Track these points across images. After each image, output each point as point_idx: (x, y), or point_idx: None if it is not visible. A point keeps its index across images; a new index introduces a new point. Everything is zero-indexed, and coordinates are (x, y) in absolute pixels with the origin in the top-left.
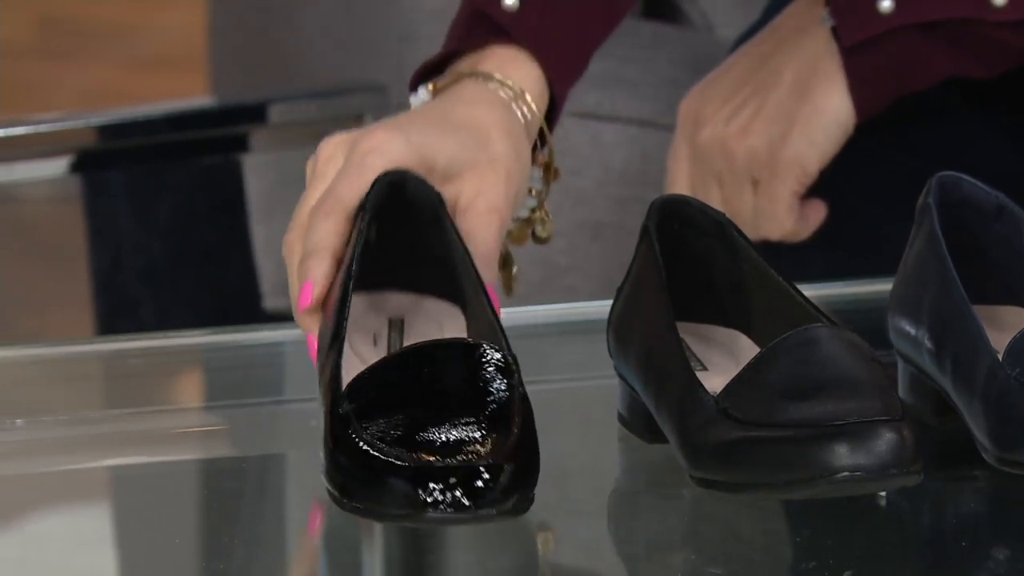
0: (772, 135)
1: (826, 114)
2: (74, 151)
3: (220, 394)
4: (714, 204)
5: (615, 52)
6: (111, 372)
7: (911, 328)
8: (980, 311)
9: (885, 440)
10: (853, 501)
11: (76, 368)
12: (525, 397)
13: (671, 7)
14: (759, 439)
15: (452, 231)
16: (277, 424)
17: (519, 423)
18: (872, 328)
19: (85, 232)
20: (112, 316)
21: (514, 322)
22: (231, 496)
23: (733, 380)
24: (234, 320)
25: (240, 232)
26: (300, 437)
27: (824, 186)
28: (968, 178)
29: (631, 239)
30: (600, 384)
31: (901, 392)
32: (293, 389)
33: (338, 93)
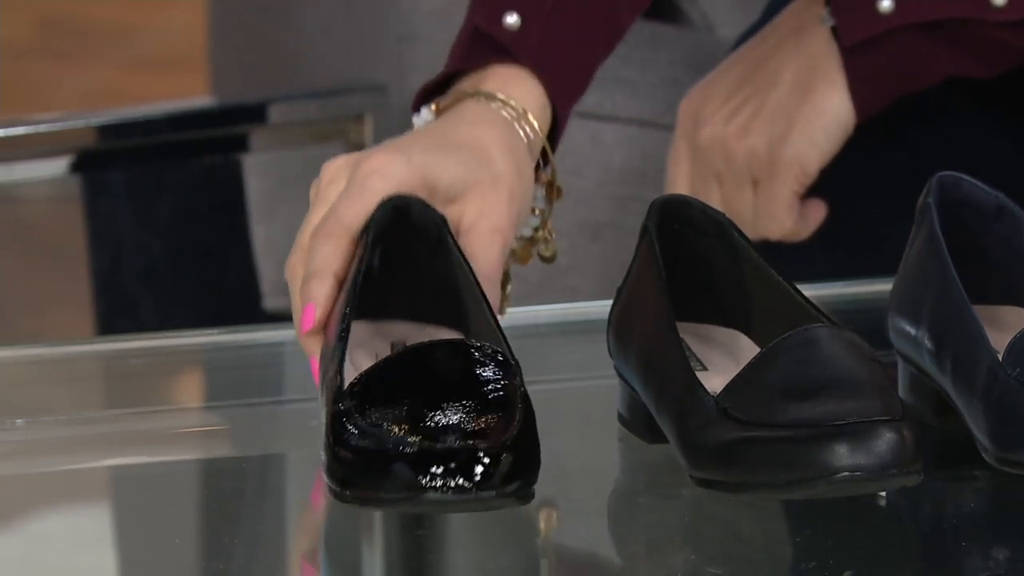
0: (772, 135)
1: (826, 114)
2: (74, 151)
3: (220, 394)
4: (714, 204)
5: (615, 52)
6: (111, 372)
7: (911, 328)
8: (980, 311)
9: (885, 440)
10: (853, 501)
11: (76, 368)
12: (526, 395)
13: (671, 7)
14: (759, 439)
15: (456, 253)
16: (277, 424)
17: (520, 412)
18: (872, 328)
19: (85, 232)
20: (112, 316)
21: (514, 322)
22: (231, 496)
23: (733, 380)
24: (234, 320)
25: (240, 232)
26: (300, 437)
27: (824, 186)
28: (968, 178)
29: (631, 239)
30: (600, 384)
31: (901, 392)
32: (293, 389)
33: (338, 93)
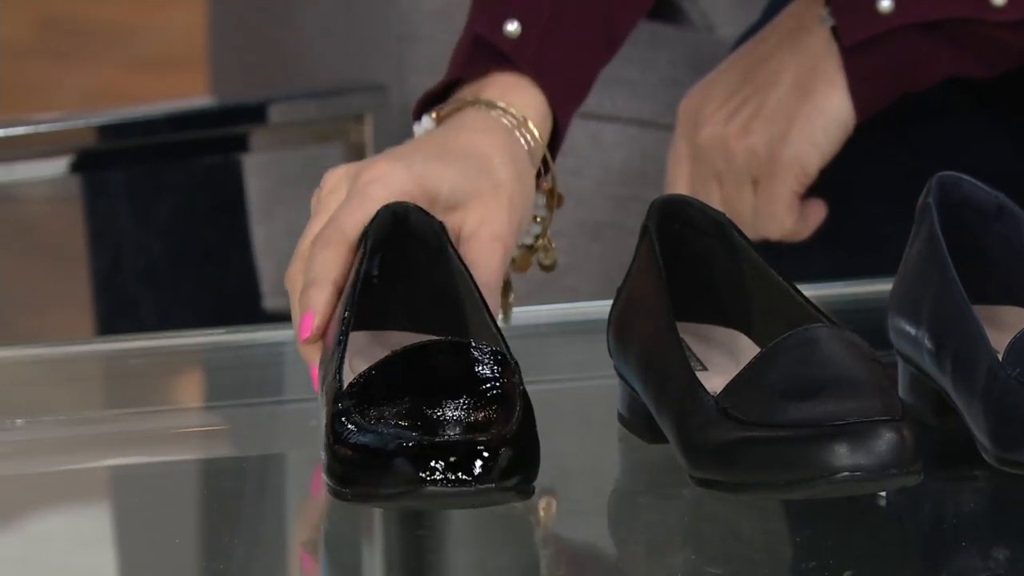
0: (772, 135)
1: (826, 114)
2: (74, 151)
3: (220, 394)
4: (714, 204)
5: None
6: (111, 372)
7: (911, 328)
8: (980, 311)
9: (885, 440)
10: (853, 501)
11: (76, 368)
12: (525, 394)
13: (671, 7)
14: (759, 439)
15: (456, 261)
16: (277, 424)
17: (520, 408)
18: (872, 328)
19: (85, 232)
20: (112, 316)
21: (514, 322)
22: (231, 496)
23: (733, 380)
24: (234, 320)
25: (240, 232)
26: (300, 437)
27: (824, 186)
28: (968, 178)
29: (631, 239)
30: (600, 384)
31: (901, 392)
32: (293, 389)
33: (338, 93)
